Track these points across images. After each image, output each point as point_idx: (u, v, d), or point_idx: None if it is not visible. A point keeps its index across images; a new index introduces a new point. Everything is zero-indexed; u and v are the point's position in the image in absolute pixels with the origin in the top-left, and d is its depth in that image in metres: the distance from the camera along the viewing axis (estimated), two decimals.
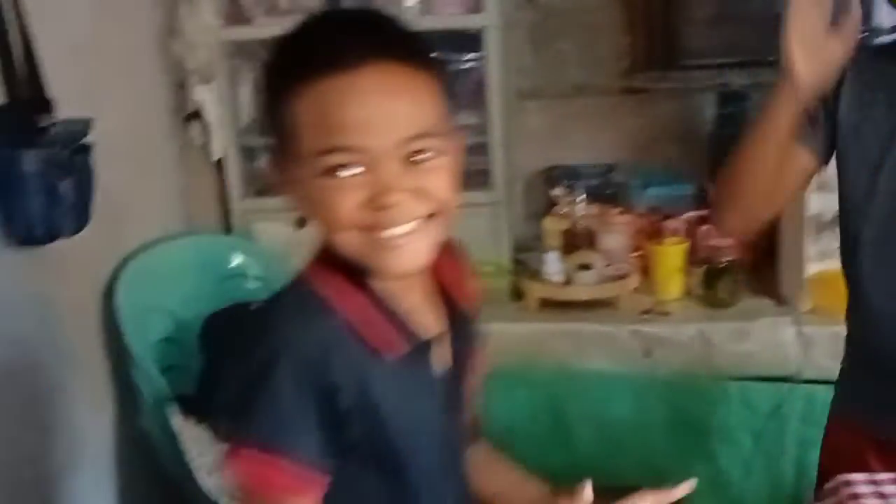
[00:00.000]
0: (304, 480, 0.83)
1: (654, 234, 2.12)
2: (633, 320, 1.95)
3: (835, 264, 1.93)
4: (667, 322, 1.94)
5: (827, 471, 1.29)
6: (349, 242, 0.82)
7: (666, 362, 1.88)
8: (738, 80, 2.15)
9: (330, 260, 0.85)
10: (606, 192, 2.30)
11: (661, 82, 2.28)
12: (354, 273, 0.85)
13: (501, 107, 2.14)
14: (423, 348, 0.89)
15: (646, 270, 2.09)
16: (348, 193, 0.80)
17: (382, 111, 0.79)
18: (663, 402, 1.89)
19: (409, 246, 0.82)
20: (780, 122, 1.11)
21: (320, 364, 0.82)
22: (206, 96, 2.19)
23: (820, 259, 1.94)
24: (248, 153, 2.28)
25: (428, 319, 0.90)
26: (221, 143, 2.23)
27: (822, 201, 1.90)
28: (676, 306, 2.00)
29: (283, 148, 0.83)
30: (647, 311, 1.97)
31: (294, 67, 0.80)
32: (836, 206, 1.92)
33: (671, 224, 2.12)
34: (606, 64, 2.32)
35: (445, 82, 0.86)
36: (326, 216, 0.81)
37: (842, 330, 1.89)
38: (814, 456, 1.85)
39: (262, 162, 2.33)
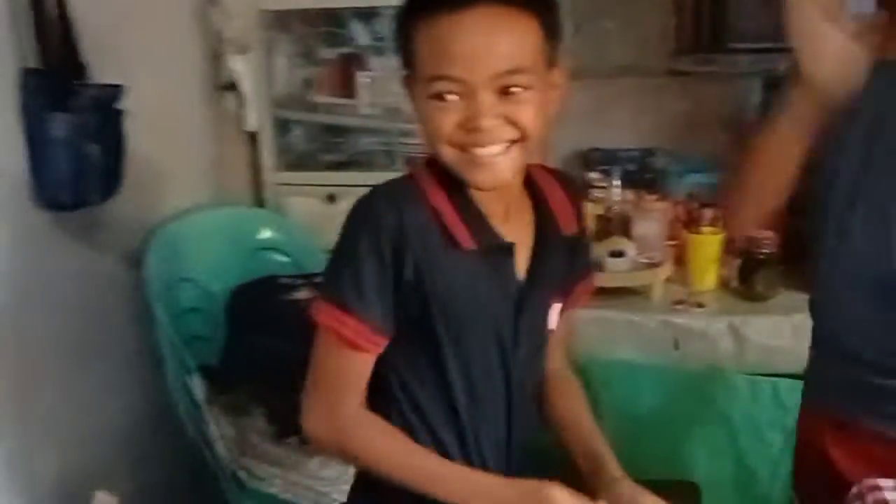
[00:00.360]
0: (364, 339, 0.99)
1: (691, 222, 2.06)
2: (665, 310, 1.91)
3: None
4: (699, 314, 1.89)
5: (801, 459, 1.30)
6: (446, 155, 0.98)
7: (695, 355, 1.84)
8: (784, 64, 2.07)
9: (433, 166, 1.02)
10: (644, 178, 2.26)
11: (706, 65, 2.21)
12: (451, 179, 1.00)
13: None
14: (503, 250, 1.03)
15: (680, 260, 2.04)
16: (449, 114, 0.96)
17: (482, 48, 0.93)
18: (692, 396, 1.85)
19: (494, 165, 0.97)
20: (796, 119, 1.06)
21: (400, 238, 0.97)
22: (241, 67, 2.18)
23: None
24: (282, 125, 2.28)
25: (511, 229, 1.04)
26: (256, 115, 2.22)
27: None
28: (710, 298, 1.95)
29: (410, 71, 1.00)
30: (679, 302, 1.93)
31: (419, 6, 0.96)
32: None
33: (709, 213, 2.06)
34: (651, 45, 2.27)
35: (551, 25, 0.98)
36: (430, 130, 0.97)
37: None
38: None
39: (296, 135, 2.33)
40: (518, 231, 1.05)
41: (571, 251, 1.11)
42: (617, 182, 2.12)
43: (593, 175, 2.22)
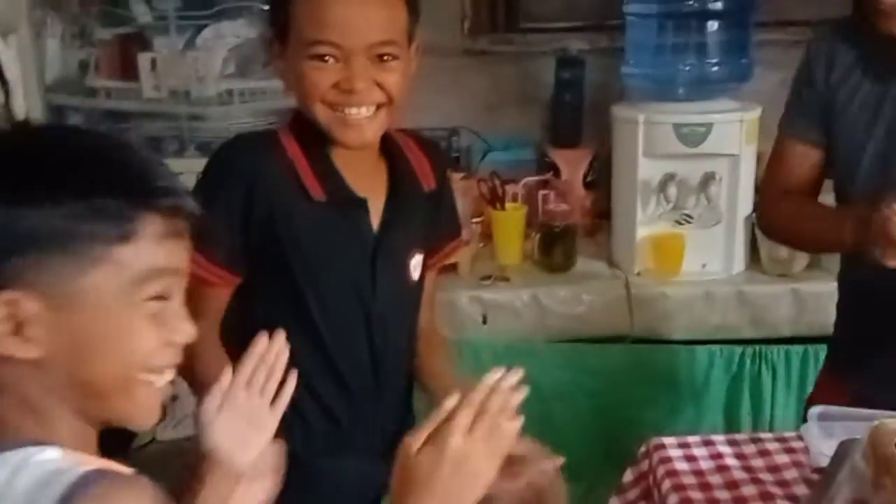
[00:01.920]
0: (210, 273, 1.09)
1: (495, 199, 2.15)
2: (474, 286, 1.98)
3: (664, 228, 2.05)
4: (505, 287, 1.98)
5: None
6: (319, 113, 1.09)
7: (503, 328, 1.92)
8: (576, 44, 2.20)
9: (296, 124, 1.14)
10: (450, 157, 2.31)
11: (502, 45, 2.30)
12: (311, 137, 1.12)
13: None
14: (354, 203, 1.14)
15: (488, 236, 2.12)
16: (326, 74, 1.08)
17: (361, 18, 1.07)
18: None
19: (362, 126, 1.09)
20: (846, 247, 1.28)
21: (251, 183, 1.10)
22: (5, 50, 2.01)
23: (649, 223, 2.03)
24: (56, 113, 2.13)
25: (366, 185, 1.15)
26: (25, 103, 2.06)
27: (651, 167, 1.99)
28: (515, 271, 2.04)
29: (282, 36, 1.11)
30: (486, 277, 2.00)
31: None
32: (663, 172, 2.04)
33: (512, 189, 2.16)
34: (448, 25, 2.32)
35: (414, 3, 1.12)
36: (306, 89, 1.09)
37: (669, 290, 2.01)
38: (647, 413, 1.97)
39: (74, 122, 2.18)
40: (373, 187, 1.17)
41: (433, 206, 1.24)
42: None
43: None
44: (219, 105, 2.09)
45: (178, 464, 1.01)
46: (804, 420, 1.25)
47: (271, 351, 0.93)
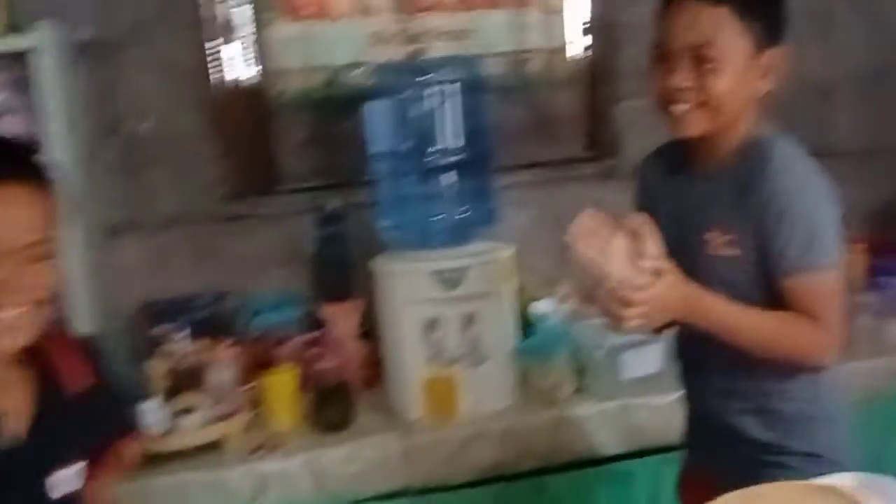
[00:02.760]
0: None
1: (266, 362, 2.11)
2: (244, 459, 1.90)
3: (435, 372, 2.09)
4: (279, 455, 1.92)
5: None
6: None
7: (278, 500, 1.85)
8: (334, 202, 2.27)
9: None
10: (217, 324, 2.27)
11: (260, 208, 2.33)
12: None
13: (85, 244, 2.03)
14: None
15: (259, 403, 2.07)
16: None
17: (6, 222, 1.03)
18: None
19: (13, 330, 1.03)
20: None
21: None
22: None
23: (420, 369, 2.07)
24: None
25: (4, 397, 1.07)
26: None
27: (415, 313, 2.05)
28: (290, 437, 1.99)
29: None
30: (258, 448, 1.93)
31: None
32: (427, 317, 2.09)
33: (282, 350, 2.14)
34: (204, 191, 2.33)
35: (54, 195, 1.09)
36: None
37: (446, 434, 2.03)
38: None
39: None
40: (12, 397, 1.09)
41: (84, 408, 1.15)
42: (184, 333, 2.10)
43: (160, 329, 2.17)
44: None
45: None
46: None
47: None
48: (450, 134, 2.10)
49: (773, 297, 1.34)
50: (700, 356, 1.47)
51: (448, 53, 2.40)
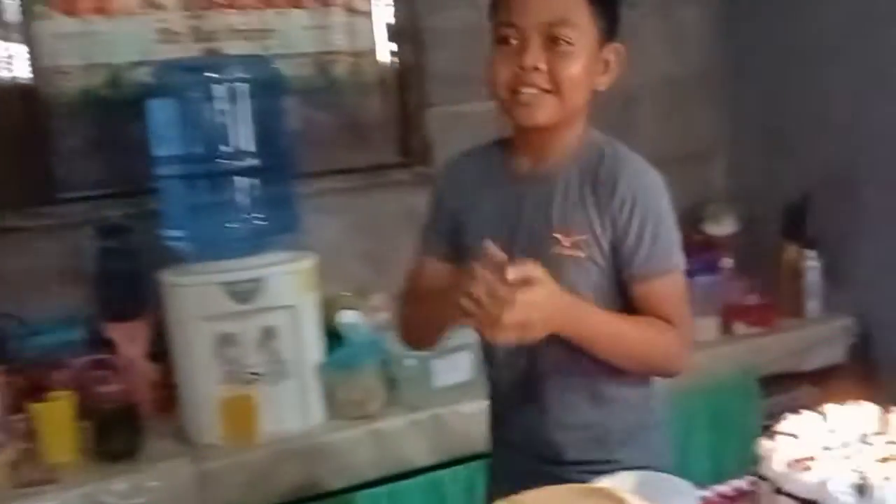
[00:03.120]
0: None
1: (42, 389, 1.91)
2: (12, 498, 1.70)
3: (232, 391, 1.97)
4: (52, 491, 1.74)
5: None
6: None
7: None
8: (117, 212, 2.10)
9: None
10: None
11: (36, 219, 2.12)
12: None
13: None
14: None
15: (32, 434, 1.86)
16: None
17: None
18: None
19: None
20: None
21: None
22: None
23: (216, 388, 1.94)
24: None
25: None
26: None
27: (208, 329, 1.91)
28: (67, 470, 1.81)
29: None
30: (28, 484, 1.74)
31: None
32: (221, 332, 1.96)
33: (60, 375, 1.95)
34: None
35: None
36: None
37: (246, 457, 1.91)
38: None
39: None
40: None
41: None
42: None
43: None
44: None
45: None
46: None
47: None
48: (243, 137, 1.99)
49: (618, 300, 1.28)
50: (523, 372, 1.34)
51: (245, 53, 2.29)
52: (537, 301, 1.11)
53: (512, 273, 1.10)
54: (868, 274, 2.47)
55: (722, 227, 2.77)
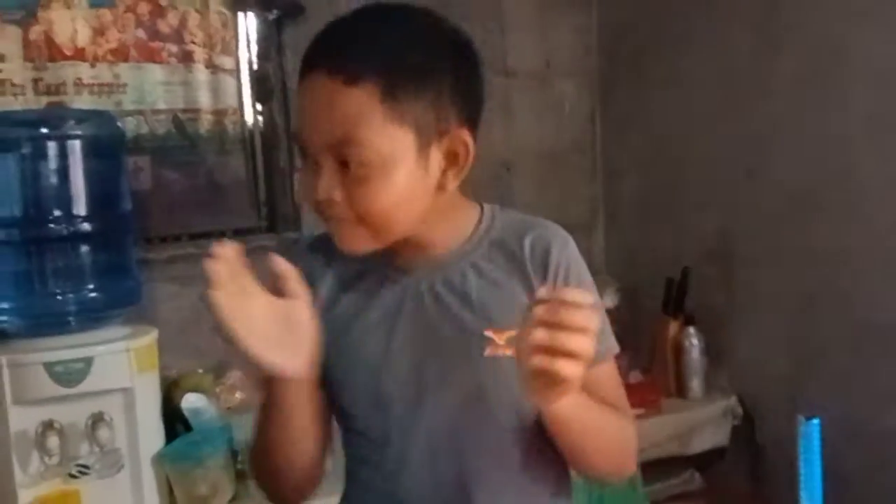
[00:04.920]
0: None
1: None
2: None
3: (54, 486, 1.76)
4: None
5: None
6: None
7: None
8: None
9: None
10: None
11: None
12: None
13: None
14: None
15: None
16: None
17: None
18: None
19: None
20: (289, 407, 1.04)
21: None
22: None
23: (35, 484, 1.72)
24: None
25: None
26: None
27: (25, 416, 1.70)
28: None
29: None
30: None
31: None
32: (40, 420, 1.75)
33: None
34: None
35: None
36: None
37: None
38: None
39: None
40: None
41: None
42: None
43: None
44: None
45: None
46: None
47: None
48: (76, 198, 1.81)
49: None
50: (445, 480, 1.09)
51: (95, 107, 2.12)
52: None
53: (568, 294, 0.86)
54: (746, 352, 2.46)
55: (602, 301, 2.72)
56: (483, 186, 1.25)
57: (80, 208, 1.80)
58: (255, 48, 2.36)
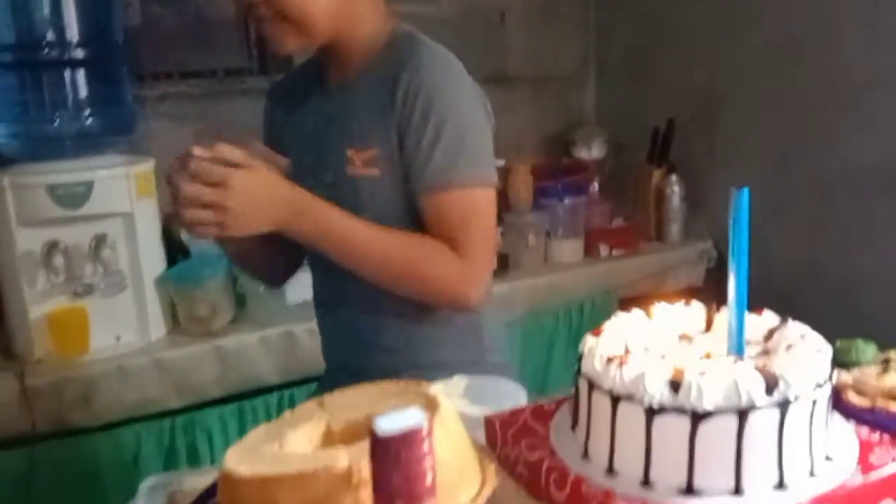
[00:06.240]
0: None
1: None
2: None
3: (61, 303, 1.86)
4: None
5: None
6: None
7: None
8: None
9: None
10: None
11: None
12: None
13: None
14: None
15: None
16: None
17: None
18: None
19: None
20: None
21: None
22: None
23: (43, 301, 1.82)
24: None
25: None
26: None
27: (30, 237, 1.79)
28: None
29: None
30: None
31: None
32: (45, 240, 1.84)
33: None
34: None
35: None
36: None
37: (76, 373, 1.82)
38: None
39: None
40: None
41: None
42: None
43: None
44: None
45: None
46: None
47: None
48: (70, 24, 1.83)
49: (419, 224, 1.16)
50: (338, 296, 1.29)
51: None
52: (239, 186, 1.02)
53: (198, 151, 1.03)
54: (724, 199, 2.53)
55: (590, 151, 2.80)
56: (476, 33, 1.29)
57: (73, 34, 1.82)
58: None
